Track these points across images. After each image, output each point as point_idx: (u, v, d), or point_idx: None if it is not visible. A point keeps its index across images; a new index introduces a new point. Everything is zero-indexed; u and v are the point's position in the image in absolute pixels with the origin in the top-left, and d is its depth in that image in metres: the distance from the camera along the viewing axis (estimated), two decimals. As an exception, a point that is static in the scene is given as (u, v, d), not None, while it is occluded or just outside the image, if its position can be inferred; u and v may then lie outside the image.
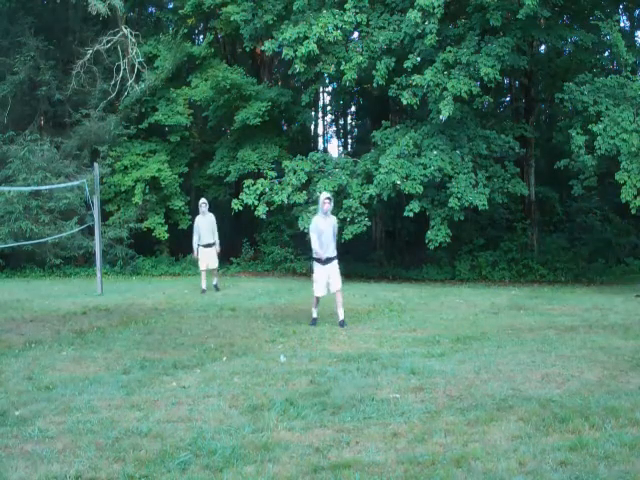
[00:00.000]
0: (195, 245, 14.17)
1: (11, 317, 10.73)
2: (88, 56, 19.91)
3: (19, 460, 4.27)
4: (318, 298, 10.00)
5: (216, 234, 14.23)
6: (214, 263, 14.29)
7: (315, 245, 9.70)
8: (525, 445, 4.46)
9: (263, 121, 19.93)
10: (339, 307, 9.85)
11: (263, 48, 18.70)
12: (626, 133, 15.03)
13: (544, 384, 6.06)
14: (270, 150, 20.57)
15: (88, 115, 20.46)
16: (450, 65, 16.25)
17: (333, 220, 10.05)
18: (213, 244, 14.15)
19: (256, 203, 17.85)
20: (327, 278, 9.79)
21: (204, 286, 14.17)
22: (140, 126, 21.07)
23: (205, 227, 14.09)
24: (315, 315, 10.06)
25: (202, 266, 14.21)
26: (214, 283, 14.52)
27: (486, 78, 15.78)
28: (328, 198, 9.79)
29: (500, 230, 20.79)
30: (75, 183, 17.83)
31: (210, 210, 14.51)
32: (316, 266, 9.88)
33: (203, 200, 14.41)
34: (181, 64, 21.80)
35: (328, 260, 9.80)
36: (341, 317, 9.82)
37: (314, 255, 9.85)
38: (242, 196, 18.02)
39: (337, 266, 9.93)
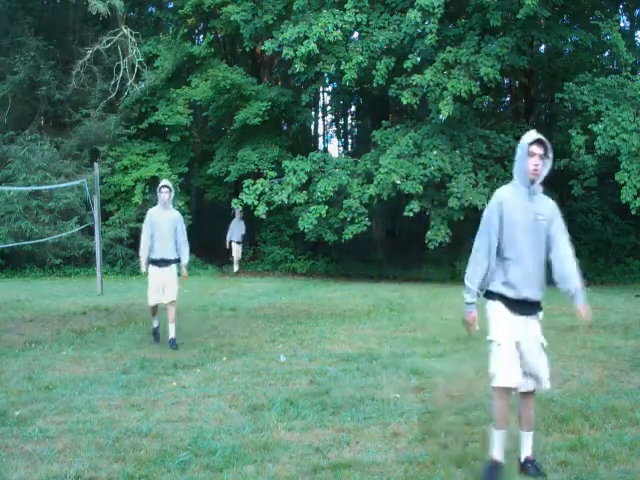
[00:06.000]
0: (143, 256, 8.34)
1: (11, 317, 10.73)
2: (88, 56, 19.91)
3: (19, 460, 4.27)
4: (508, 393, 4.02)
5: (184, 244, 8.37)
6: (171, 293, 8.25)
7: (474, 260, 4.22)
8: (525, 445, 4.46)
9: (263, 121, 19.92)
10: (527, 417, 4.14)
11: (263, 48, 18.70)
12: (626, 133, 15.03)
13: (544, 384, 6.05)
14: (270, 150, 20.56)
15: (88, 115, 20.45)
16: (450, 65, 16.25)
17: (548, 209, 4.13)
18: (173, 262, 8.31)
19: (256, 203, 17.84)
20: (523, 347, 4.10)
21: (155, 323, 8.54)
22: (140, 126, 21.06)
23: (163, 229, 8.23)
24: (498, 457, 3.94)
25: (151, 298, 8.31)
26: (171, 337, 8.18)
27: (486, 78, 15.79)
28: (539, 141, 4.05)
29: (500, 230, 20.76)
30: (75, 183, 17.83)
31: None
32: (497, 310, 4.11)
33: (165, 182, 8.45)
34: (181, 64, 21.79)
35: (528, 307, 4.16)
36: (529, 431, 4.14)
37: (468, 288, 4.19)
38: (242, 196, 18.01)
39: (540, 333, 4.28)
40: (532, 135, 4.08)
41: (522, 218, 4.05)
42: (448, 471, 4.07)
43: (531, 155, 4.03)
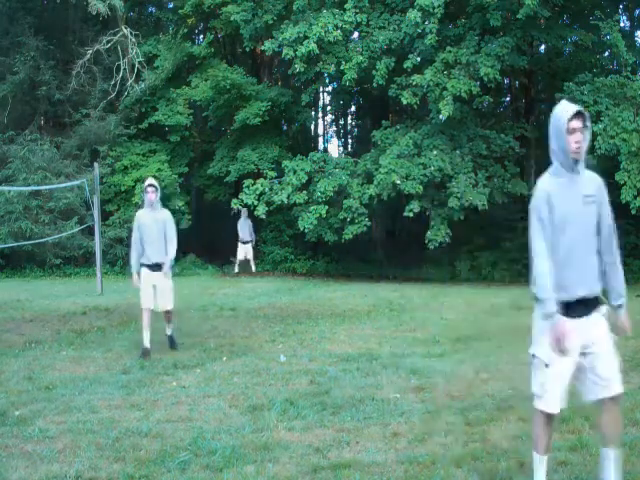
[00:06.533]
0: (134, 264, 7.91)
1: (11, 317, 10.74)
2: (88, 56, 19.92)
3: (19, 460, 4.27)
4: (552, 419, 3.59)
5: (171, 241, 7.84)
6: (167, 301, 7.90)
7: (539, 267, 3.51)
8: (525, 445, 4.45)
9: (263, 121, 19.93)
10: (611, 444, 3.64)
11: (263, 48, 18.71)
12: (626, 133, 15.04)
13: (544, 384, 6.05)
14: (270, 150, 20.57)
15: (88, 115, 20.47)
16: (450, 65, 16.25)
17: (595, 186, 3.69)
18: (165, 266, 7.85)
19: (256, 203, 17.85)
20: (588, 353, 3.66)
21: (146, 342, 7.61)
22: (140, 126, 21.07)
23: (152, 232, 7.77)
24: None
25: (145, 301, 7.79)
26: (168, 334, 8.08)
27: (486, 78, 15.79)
28: (578, 114, 3.57)
29: (500, 230, 20.77)
30: (75, 183, 17.84)
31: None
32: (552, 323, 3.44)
33: (150, 181, 7.98)
34: (181, 64, 21.80)
35: (588, 304, 3.64)
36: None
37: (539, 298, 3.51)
38: (242, 196, 18.01)
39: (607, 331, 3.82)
40: (570, 108, 3.53)
41: (571, 208, 3.54)
42: (448, 471, 4.06)
43: (571, 132, 3.55)
